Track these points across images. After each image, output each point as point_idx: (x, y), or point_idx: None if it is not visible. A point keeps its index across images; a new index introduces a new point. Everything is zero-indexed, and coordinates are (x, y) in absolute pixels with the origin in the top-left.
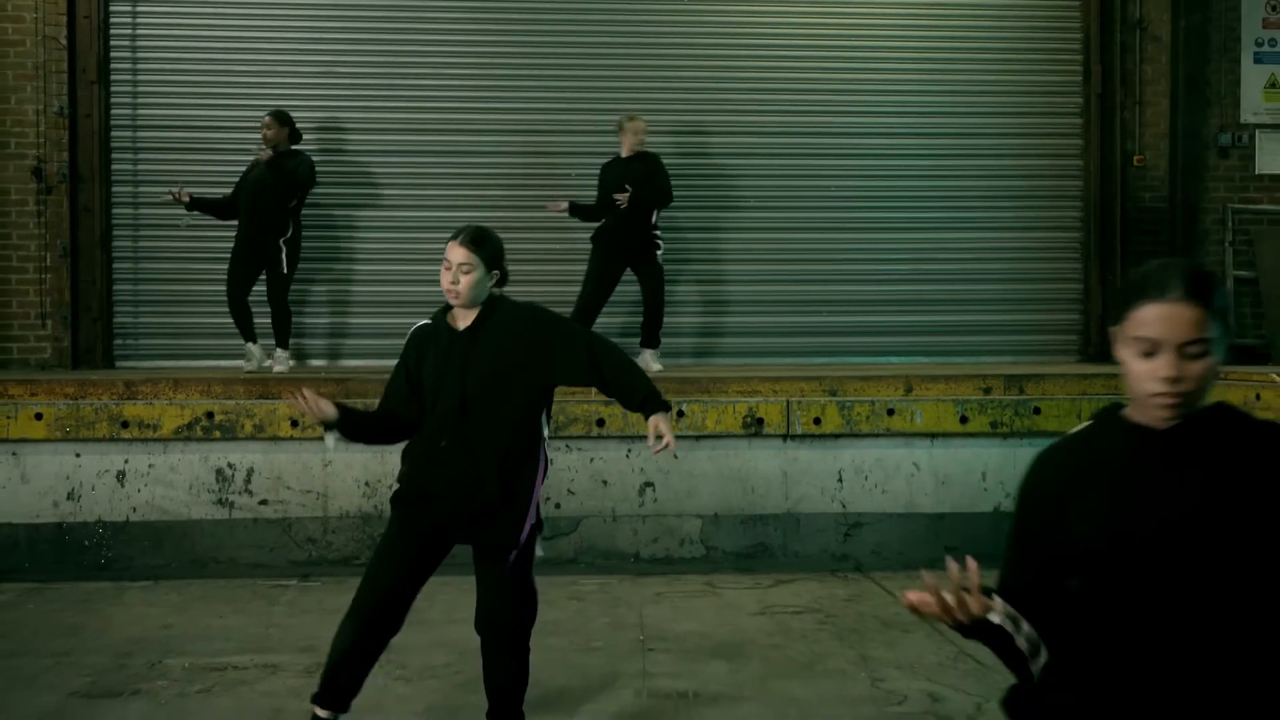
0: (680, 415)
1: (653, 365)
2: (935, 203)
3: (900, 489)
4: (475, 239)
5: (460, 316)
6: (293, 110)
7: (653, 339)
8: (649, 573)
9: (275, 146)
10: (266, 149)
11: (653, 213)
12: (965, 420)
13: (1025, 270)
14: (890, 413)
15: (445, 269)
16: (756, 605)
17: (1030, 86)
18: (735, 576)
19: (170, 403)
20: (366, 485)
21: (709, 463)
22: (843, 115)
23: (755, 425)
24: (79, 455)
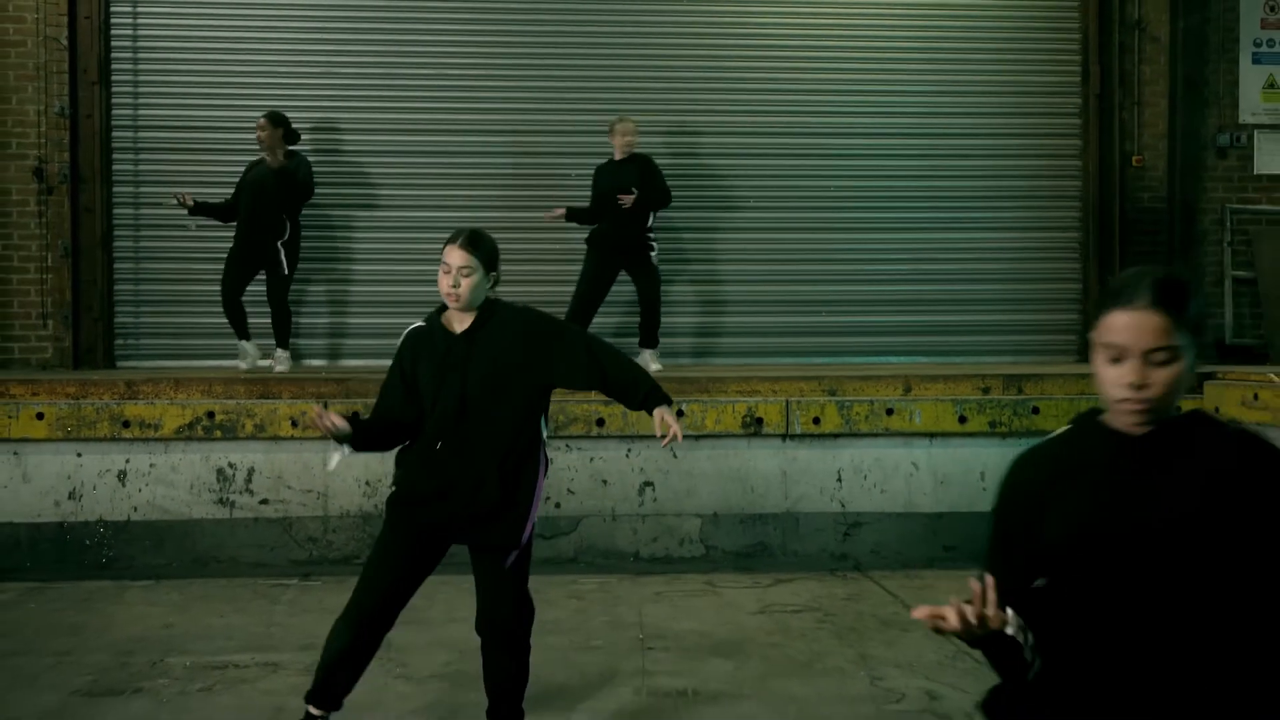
0: (680, 415)
1: (652, 365)
2: (934, 203)
3: (899, 488)
4: (474, 242)
5: (456, 319)
6: (293, 111)
7: (651, 339)
8: (648, 572)
9: (273, 149)
10: (279, 156)
11: (649, 215)
12: (964, 420)
13: (1024, 270)
14: (889, 412)
15: (444, 273)
16: (756, 604)
17: (1029, 87)
18: (735, 576)
19: (171, 402)
20: (367, 485)
21: (708, 462)
22: (842, 115)
23: (754, 425)
24: (80, 455)
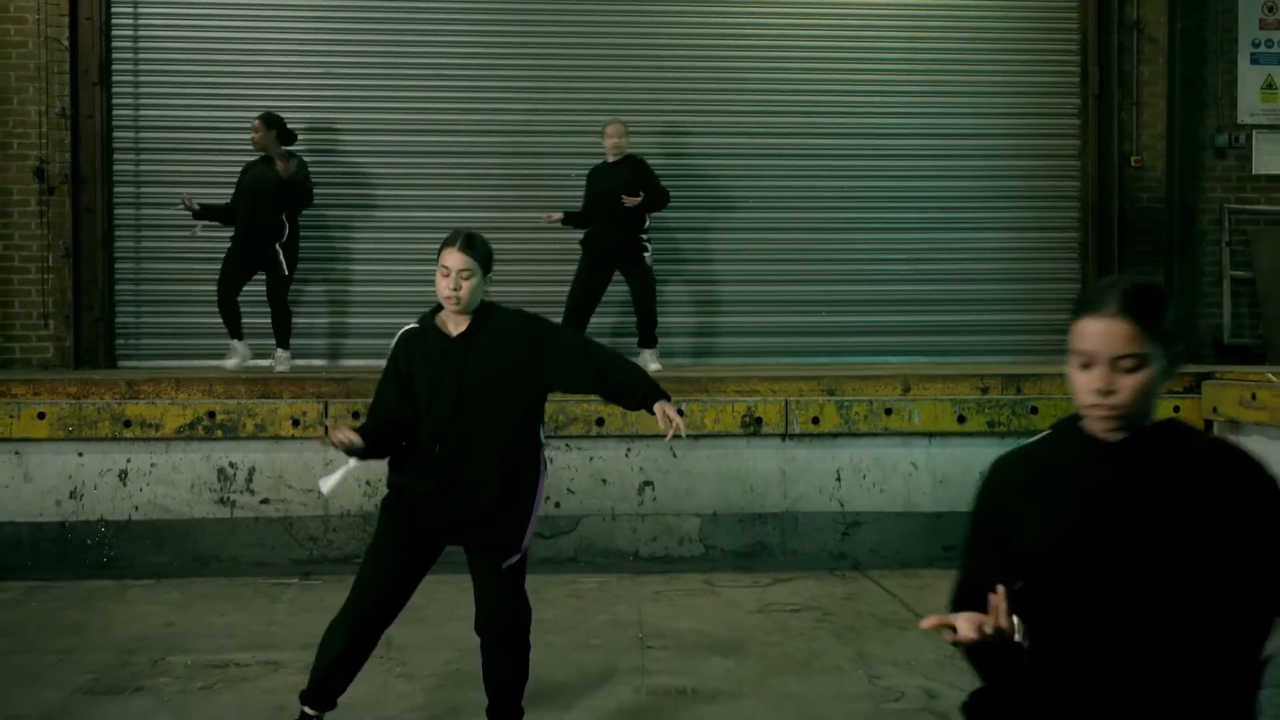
0: (679, 414)
1: (652, 365)
2: (933, 203)
3: (898, 488)
4: (472, 244)
5: (451, 321)
6: (292, 111)
7: (649, 339)
8: (648, 571)
9: (276, 154)
10: (291, 168)
11: (646, 216)
12: (963, 420)
13: (1023, 270)
14: (888, 412)
15: (443, 275)
16: (755, 603)
17: (1027, 87)
18: (734, 575)
19: (172, 402)
20: (367, 484)
21: (708, 462)
22: (840, 115)
23: (754, 424)
24: (81, 454)
